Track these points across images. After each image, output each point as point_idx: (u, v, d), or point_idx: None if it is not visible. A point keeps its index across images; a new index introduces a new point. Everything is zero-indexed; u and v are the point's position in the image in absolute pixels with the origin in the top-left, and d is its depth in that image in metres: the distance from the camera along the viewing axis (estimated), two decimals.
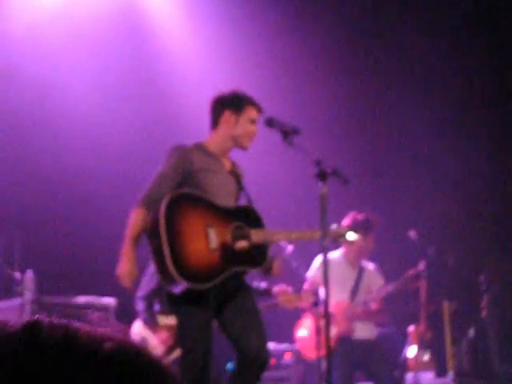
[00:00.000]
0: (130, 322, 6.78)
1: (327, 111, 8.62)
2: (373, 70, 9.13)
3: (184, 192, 5.01)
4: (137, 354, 0.79)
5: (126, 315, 6.92)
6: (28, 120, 8.09)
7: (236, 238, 5.03)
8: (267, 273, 5.27)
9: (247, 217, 5.12)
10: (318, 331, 6.38)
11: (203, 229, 4.98)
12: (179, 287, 4.98)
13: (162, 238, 4.80)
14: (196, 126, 8.09)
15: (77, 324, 0.79)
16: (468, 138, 8.78)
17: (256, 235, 5.03)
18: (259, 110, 5.15)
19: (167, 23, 9.04)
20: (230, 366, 6.11)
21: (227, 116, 5.05)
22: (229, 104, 5.09)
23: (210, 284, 4.89)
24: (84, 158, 7.79)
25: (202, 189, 4.99)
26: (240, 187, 5.26)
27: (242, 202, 5.27)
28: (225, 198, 5.04)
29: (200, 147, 5.13)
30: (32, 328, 0.78)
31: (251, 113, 5.09)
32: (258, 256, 5.03)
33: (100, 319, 6.81)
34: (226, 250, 4.98)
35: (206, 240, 4.96)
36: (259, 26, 8.66)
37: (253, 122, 5.10)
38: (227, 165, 5.16)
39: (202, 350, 4.98)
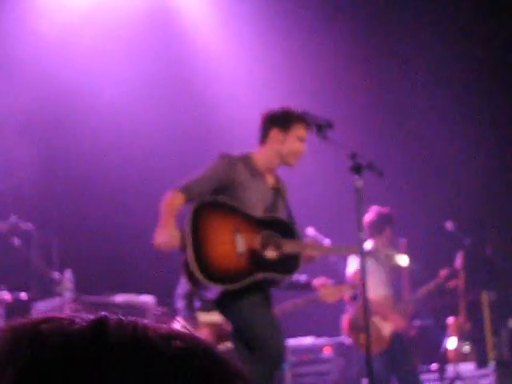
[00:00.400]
0: (169, 320, 6.56)
1: (356, 105, 8.66)
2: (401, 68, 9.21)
3: (212, 199, 5.08)
4: (206, 354, 0.78)
5: (165, 313, 6.70)
6: (62, 122, 8.19)
7: (266, 245, 5.08)
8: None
9: (281, 227, 5.15)
10: (356, 326, 6.41)
11: (231, 234, 5.05)
12: (211, 292, 5.12)
13: (188, 243, 4.87)
14: (229, 126, 8.33)
15: (145, 321, 0.78)
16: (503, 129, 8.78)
17: (288, 245, 5.07)
18: (309, 127, 5.16)
19: (200, 23, 9.06)
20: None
21: (275, 133, 5.06)
22: (277, 121, 5.10)
23: (238, 285, 4.95)
24: (118, 158, 7.87)
25: (238, 201, 5.04)
26: (281, 203, 5.28)
27: (283, 216, 5.32)
28: (260, 212, 5.09)
29: (247, 160, 5.14)
30: (100, 325, 0.76)
31: (299, 131, 5.09)
32: (289, 265, 5.07)
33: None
34: (254, 255, 5.03)
35: (232, 244, 5.04)
36: (292, 24, 8.72)
37: (301, 139, 5.09)
38: (270, 180, 5.18)
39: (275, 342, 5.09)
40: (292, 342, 7.14)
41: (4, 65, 7.85)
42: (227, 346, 6.24)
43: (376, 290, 6.63)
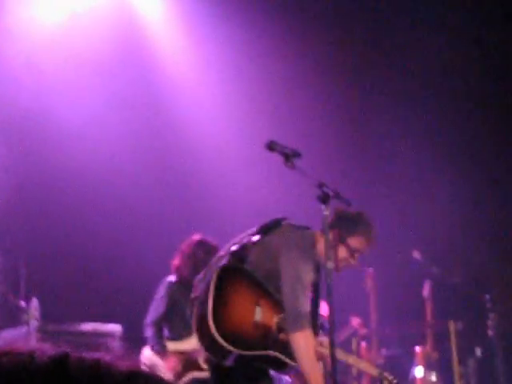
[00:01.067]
0: (136, 349, 6.79)
1: (327, 135, 8.72)
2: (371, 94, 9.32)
3: (239, 266, 5.16)
4: None
5: (131, 342, 7.06)
6: (31, 146, 8.21)
7: (281, 328, 5.11)
8: None
9: None
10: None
11: (252, 304, 5.10)
12: (229, 358, 5.07)
13: (209, 305, 4.95)
14: (200, 153, 8.53)
15: (108, 358, 0.81)
16: (469, 160, 8.87)
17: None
18: (371, 244, 5.23)
19: (170, 46, 9.17)
20: None
21: (335, 234, 5.09)
22: (343, 225, 5.15)
23: (249, 352, 5.02)
24: (89, 184, 8.05)
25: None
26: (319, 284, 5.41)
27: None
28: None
29: (311, 244, 5.19)
30: (61, 361, 0.78)
31: (358, 244, 5.15)
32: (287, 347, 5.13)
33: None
34: (266, 332, 5.09)
35: (252, 314, 5.08)
36: (262, 51, 8.87)
37: (356, 252, 5.15)
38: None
39: None
40: None
41: None
42: (193, 375, 6.63)
43: None
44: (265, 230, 5.37)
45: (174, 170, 8.78)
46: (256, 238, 5.36)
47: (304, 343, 4.89)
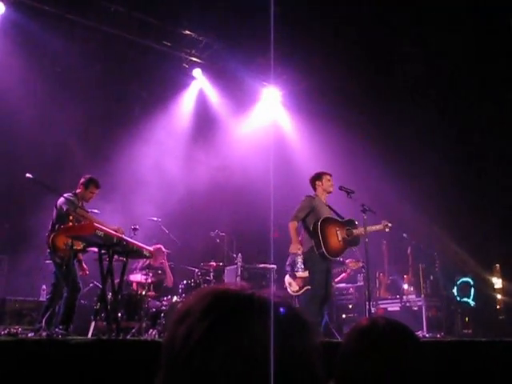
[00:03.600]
0: (283, 276, 9.15)
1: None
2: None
3: (325, 217, 7.57)
4: (295, 314, 1.11)
5: (280, 273, 9.51)
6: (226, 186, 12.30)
7: (348, 234, 7.53)
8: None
9: (350, 223, 7.73)
10: None
11: (335, 231, 7.52)
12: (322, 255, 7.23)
13: (319, 235, 7.35)
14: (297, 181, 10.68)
15: (269, 290, 1.12)
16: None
17: (356, 231, 7.64)
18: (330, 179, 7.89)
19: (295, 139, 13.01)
20: None
21: (318, 183, 7.85)
22: (315, 178, 7.99)
23: (335, 258, 7.46)
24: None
25: (319, 215, 7.52)
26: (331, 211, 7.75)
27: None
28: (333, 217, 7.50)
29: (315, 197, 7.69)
30: (251, 294, 1.08)
31: (326, 177, 7.91)
32: (356, 241, 7.65)
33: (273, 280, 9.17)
34: (345, 240, 7.49)
35: (336, 236, 7.51)
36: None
37: (329, 180, 7.88)
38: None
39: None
40: None
41: None
42: (306, 288, 8.30)
43: None
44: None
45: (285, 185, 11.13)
46: None
47: (292, 225, 7.37)
